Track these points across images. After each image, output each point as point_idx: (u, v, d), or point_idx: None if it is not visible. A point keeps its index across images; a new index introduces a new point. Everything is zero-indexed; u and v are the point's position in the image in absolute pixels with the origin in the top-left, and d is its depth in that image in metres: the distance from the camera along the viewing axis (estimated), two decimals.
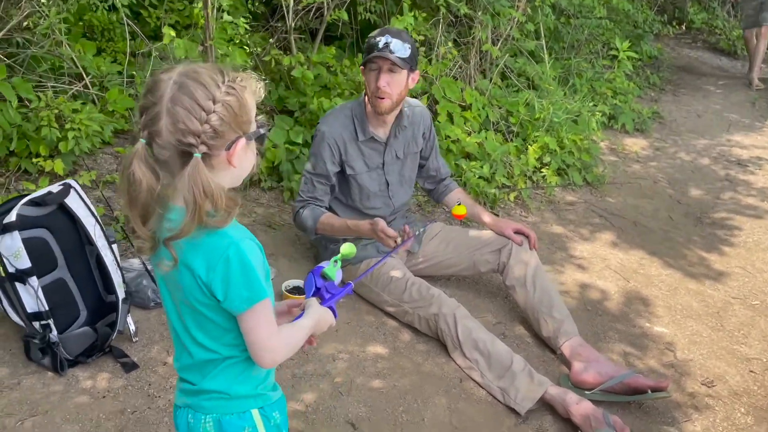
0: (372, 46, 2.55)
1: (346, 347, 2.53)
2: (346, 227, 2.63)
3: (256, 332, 1.24)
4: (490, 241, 2.90)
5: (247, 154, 1.25)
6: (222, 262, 1.17)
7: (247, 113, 1.22)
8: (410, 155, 2.85)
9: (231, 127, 1.19)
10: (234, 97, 1.19)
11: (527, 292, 2.75)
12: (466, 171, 3.74)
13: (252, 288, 1.20)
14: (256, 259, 1.21)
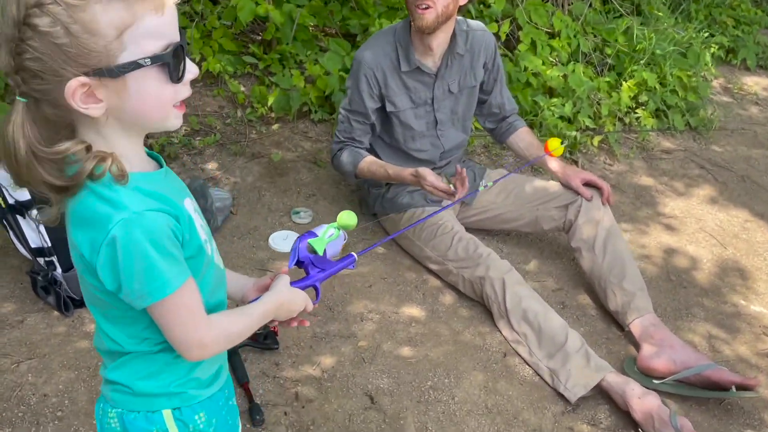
0: None
1: (377, 306, 2.26)
2: (387, 175, 2.30)
3: (172, 328, 0.96)
4: (557, 195, 2.49)
5: (121, 94, 0.89)
6: (107, 244, 0.88)
7: (93, 40, 0.84)
8: (466, 89, 2.44)
9: (60, 63, 0.84)
10: (50, 19, 0.82)
11: (595, 257, 2.34)
12: (544, 109, 3.26)
13: (151, 280, 0.90)
14: (156, 236, 0.90)
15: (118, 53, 0.87)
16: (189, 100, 3.15)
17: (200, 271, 1.01)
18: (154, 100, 0.93)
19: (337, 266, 1.26)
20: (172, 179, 1.03)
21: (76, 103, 0.87)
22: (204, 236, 1.03)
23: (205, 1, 3.60)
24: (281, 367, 1.98)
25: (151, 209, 0.90)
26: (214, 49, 3.35)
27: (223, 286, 1.13)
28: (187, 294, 0.96)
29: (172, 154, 2.83)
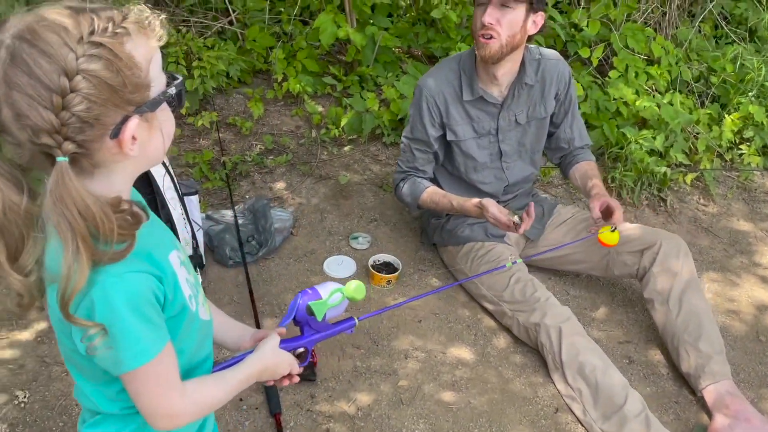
0: None
1: (425, 344, 2.17)
2: (450, 206, 2.20)
3: (141, 397, 0.92)
4: (632, 239, 2.29)
5: (153, 129, 0.88)
6: (85, 308, 0.84)
7: (135, 74, 0.83)
8: (535, 120, 2.30)
9: (110, 106, 0.81)
10: (102, 61, 0.79)
11: (668, 312, 2.13)
12: (631, 141, 3.04)
13: (128, 348, 0.86)
14: (135, 301, 0.86)
15: (150, 86, 0.86)
16: (267, 119, 3.20)
17: (181, 329, 0.98)
18: (169, 133, 0.93)
19: (334, 329, 1.21)
20: (158, 230, 1.00)
21: (128, 147, 0.84)
22: (189, 291, 0.99)
23: (295, 21, 3.67)
24: (316, 400, 1.94)
25: (132, 271, 0.86)
26: (297, 70, 3.39)
27: (209, 338, 1.09)
28: (164, 362, 0.91)
29: (244, 172, 2.88)
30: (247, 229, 2.48)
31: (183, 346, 0.99)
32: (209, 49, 3.21)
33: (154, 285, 0.89)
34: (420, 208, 2.33)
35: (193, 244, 2.21)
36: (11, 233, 0.83)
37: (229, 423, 1.85)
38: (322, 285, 1.22)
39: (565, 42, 3.58)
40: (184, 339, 0.99)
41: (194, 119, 3.05)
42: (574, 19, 3.59)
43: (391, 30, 3.73)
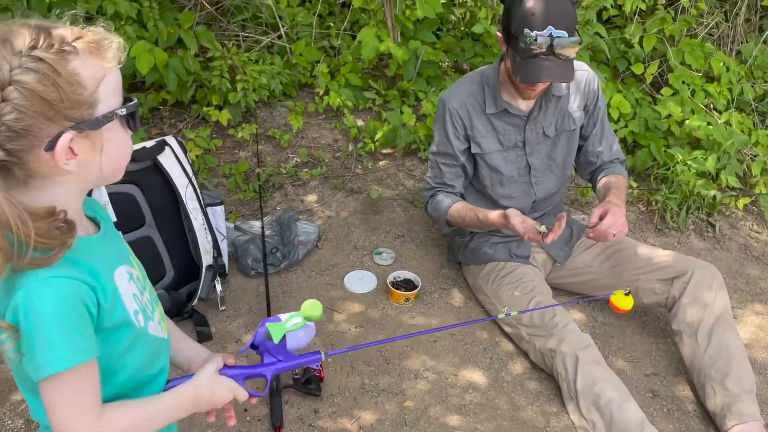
0: (528, 41, 1.88)
1: (437, 364, 2.12)
2: (477, 219, 2.14)
3: (54, 413, 0.91)
4: (662, 266, 2.17)
5: (95, 147, 0.90)
6: (10, 312, 0.86)
7: (77, 91, 0.85)
8: (565, 133, 2.22)
9: (43, 119, 0.83)
10: (38, 75, 0.82)
11: (696, 346, 2.01)
12: (678, 162, 2.89)
13: (45, 352, 0.87)
14: (59, 308, 0.86)
15: (96, 105, 0.89)
16: (306, 132, 3.24)
17: (125, 343, 0.99)
18: (121, 151, 0.95)
19: (297, 361, 1.17)
20: (108, 245, 1.01)
21: (61, 160, 0.87)
22: (134, 306, 0.99)
23: (344, 36, 3.71)
24: (320, 415, 1.93)
25: (60, 276, 0.87)
26: (340, 84, 3.43)
27: (163, 355, 1.09)
28: (83, 377, 0.90)
29: (277, 184, 2.92)
30: (273, 241, 2.51)
31: (126, 361, 1.00)
32: (254, 63, 3.29)
33: (84, 293, 0.89)
34: (449, 224, 2.28)
35: (214, 253, 2.25)
36: None
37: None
38: (286, 314, 1.19)
39: (615, 58, 3.46)
40: (129, 354, 1.00)
41: (235, 131, 3.13)
42: (627, 34, 3.46)
43: (438, 44, 3.72)
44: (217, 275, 2.26)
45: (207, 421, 1.13)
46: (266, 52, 3.59)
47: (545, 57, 1.91)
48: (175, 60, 3.11)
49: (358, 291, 2.40)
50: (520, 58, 1.95)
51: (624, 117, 3.16)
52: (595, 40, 3.17)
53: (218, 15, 3.73)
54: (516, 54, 1.95)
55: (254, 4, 3.72)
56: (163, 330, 1.09)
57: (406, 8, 3.33)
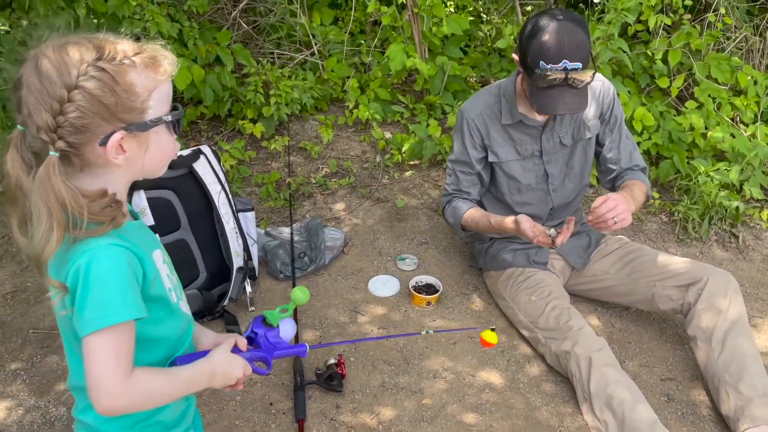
0: (543, 71, 1.97)
1: (455, 365, 2.20)
2: (489, 224, 2.22)
3: (91, 366, 1.01)
4: (678, 272, 2.22)
5: (141, 147, 1.04)
6: (73, 272, 0.99)
7: (131, 98, 1.00)
8: (581, 141, 2.28)
9: (100, 119, 0.98)
10: (99, 82, 0.97)
11: (711, 351, 2.04)
12: (701, 173, 2.92)
13: (101, 306, 0.99)
14: (117, 268, 1.00)
15: (146, 111, 1.04)
16: (336, 144, 3.37)
17: (162, 314, 1.11)
18: (164, 151, 1.10)
19: (289, 350, 1.29)
20: (144, 232, 1.15)
21: (111, 154, 1.02)
22: (169, 285, 1.13)
23: (374, 52, 3.85)
24: (341, 410, 2.02)
25: (116, 245, 1.02)
26: (369, 98, 3.56)
27: (189, 335, 1.21)
28: (122, 334, 1.02)
29: (307, 193, 3.05)
30: (301, 246, 2.63)
31: (167, 333, 1.12)
32: (287, 79, 3.44)
33: (135, 262, 1.03)
34: (464, 229, 2.37)
35: (245, 256, 2.38)
36: (21, 204, 1.02)
37: (257, 424, 1.97)
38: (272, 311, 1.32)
39: (637, 73, 3.50)
40: (167, 327, 1.12)
41: (268, 143, 3.28)
42: (650, 48, 3.51)
43: (465, 60, 3.83)
44: (247, 277, 2.39)
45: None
46: (299, 69, 3.75)
47: (560, 88, 2.00)
48: (212, 76, 3.28)
49: (381, 294, 2.49)
50: (536, 88, 2.04)
51: (648, 129, 3.20)
52: (619, 54, 3.23)
53: (254, 34, 3.91)
54: (532, 84, 2.04)
55: (289, 23, 3.90)
56: (188, 310, 1.21)
57: (434, 25, 3.45)
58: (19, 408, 2.00)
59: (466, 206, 2.33)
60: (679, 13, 3.54)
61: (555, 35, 1.96)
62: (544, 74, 1.98)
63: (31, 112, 0.98)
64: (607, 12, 3.19)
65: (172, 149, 1.10)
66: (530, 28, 2.01)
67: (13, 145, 1.01)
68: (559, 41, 1.95)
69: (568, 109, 2.05)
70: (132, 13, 3.18)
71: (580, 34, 1.98)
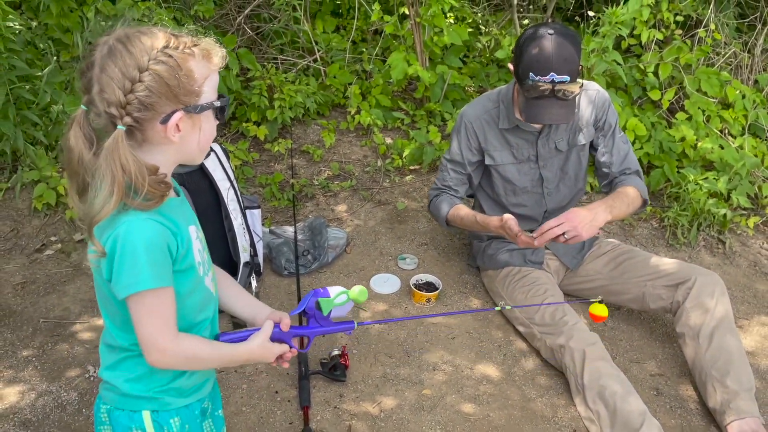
0: (532, 82, 2.08)
1: (454, 359, 2.28)
2: (474, 221, 2.32)
3: (141, 325, 1.13)
4: (668, 272, 2.32)
5: (194, 128, 1.15)
6: (111, 239, 1.09)
7: (190, 83, 1.12)
8: (576, 147, 2.38)
9: (164, 99, 1.10)
10: (167, 66, 1.08)
11: (698, 347, 2.14)
12: (691, 182, 3.03)
13: (133, 273, 1.09)
14: (150, 242, 1.10)
15: (200, 96, 1.15)
16: (338, 148, 3.44)
17: (189, 285, 1.20)
18: (209, 135, 1.21)
19: (335, 327, 1.38)
20: (185, 207, 1.25)
21: (170, 132, 1.13)
22: (199, 259, 1.22)
23: (375, 60, 3.95)
24: (344, 399, 2.10)
25: (153, 219, 1.11)
26: (371, 104, 3.66)
27: (209, 307, 1.29)
28: (164, 300, 1.13)
29: (309, 194, 3.13)
30: (305, 245, 2.71)
31: (187, 302, 1.20)
32: (291, 83, 3.54)
33: (169, 237, 1.12)
34: (449, 223, 2.45)
35: (251, 252, 2.46)
36: (80, 176, 1.13)
37: (263, 410, 2.04)
38: (333, 287, 1.40)
39: (629, 85, 3.62)
40: (190, 297, 1.20)
41: (271, 145, 3.37)
42: (643, 61, 3.64)
43: (464, 70, 3.94)
44: (253, 272, 2.46)
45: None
46: (302, 74, 3.85)
47: (548, 99, 2.11)
48: None
49: (383, 292, 2.57)
50: (525, 98, 2.15)
51: (639, 139, 3.32)
52: (613, 66, 3.35)
53: (258, 39, 4.01)
54: (523, 94, 2.16)
55: (292, 30, 4.00)
56: (213, 288, 1.29)
57: (434, 35, 3.56)
58: (31, 392, 2.06)
59: (453, 203, 2.42)
60: (670, 28, 3.68)
61: (544, 49, 2.06)
62: (533, 85, 2.09)
63: (103, 88, 1.08)
64: (602, 25, 3.31)
65: (213, 134, 1.21)
66: (523, 41, 2.13)
67: (76, 123, 1.12)
68: (548, 54, 2.06)
69: (554, 120, 2.16)
70: (140, 16, 3.27)
71: (569, 48, 2.08)
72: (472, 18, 4.19)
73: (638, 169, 2.43)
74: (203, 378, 1.31)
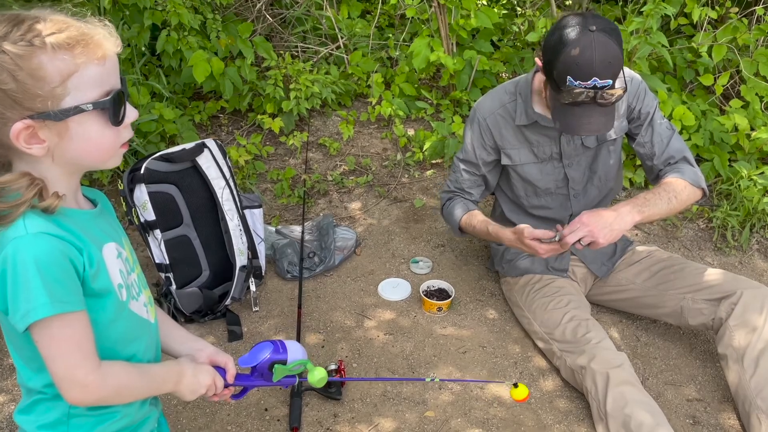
0: (570, 86, 1.79)
1: (463, 376, 2.07)
2: (487, 232, 2.08)
3: (52, 360, 0.96)
4: (710, 285, 2.04)
5: (65, 136, 0.95)
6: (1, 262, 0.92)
7: (37, 84, 0.90)
8: (606, 143, 2.11)
9: (5, 107, 0.90)
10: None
11: (743, 372, 1.86)
12: (744, 177, 2.71)
13: (29, 300, 0.91)
14: (44, 260, 0.91)
15: (62, 98, 0.93)
16: (357, 140, 3.26)
17: (108, 313, 1.02)
18: (95, 142, 0.98)
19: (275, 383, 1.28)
20: (101, 222, 1.06)
21: (20, 143, 0.93)
22: (120, 281, 1.03)
23: (402, 47, 3.73)
24: (338, 419, 1.92)
25: (48, 233, 0.93)
26: (394, 93, 3.44)
27: (146, 338, 1.12)
28: (75, 326, 0.95)
29: (322, 190, 2.96)
30: (312, 246, 2.53)
31: (108, 333, 1.03)
32: (308, 73, 3.35)
33: (69, 251, 0.94)
34: (462, 230, 2.23)
35: (249, 254, 2.30)
36: None
37: (250, 430, 1.88)
38: (294, 346, 1.27)
39: (680, 67, 3.29)
40: (111, 326, 1.03)
41: (286, 139, 3.20)
42: (694, 42, 3.30)
43: (497, 55, 3.67)
44: (252, 276, 2.31)
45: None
46: (324, 63, 3.66)
47: (587, 105, 1.84)
48: (232, 69, 3.22)
49: (391, 298, 2.38)
50: (560, 104, 1.87)
51: (687, 129, 3.00)
52: (658, 48, 3.03)
53: (279, 27, 3.84)
54: (557, 98, 1.88)
55: (314, 16, 3.81)
56: (148, 314, 1.12)
57: (462, 18, 3.31)
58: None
59: (466, 208, 2.19)
60: (725, 5, 3.32)
61: (586, 50, 1.76)
62: (570, 90, 1.82)
63: None
64: (645, 3, 3.00)
65: (110, 140, 0.99)
66: (559, 37, 1.82)
67: None
68: (590, 57, 1.76)
69: (594, 131, 1.88)
70: (154, 4, 3.14)
71: (613, 48, 1.78)
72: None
73: (686, 155, 2.09)
74: (140, 417, 1.15)
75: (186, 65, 3.15)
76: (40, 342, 0.96)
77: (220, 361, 1.22)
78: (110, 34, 0.97)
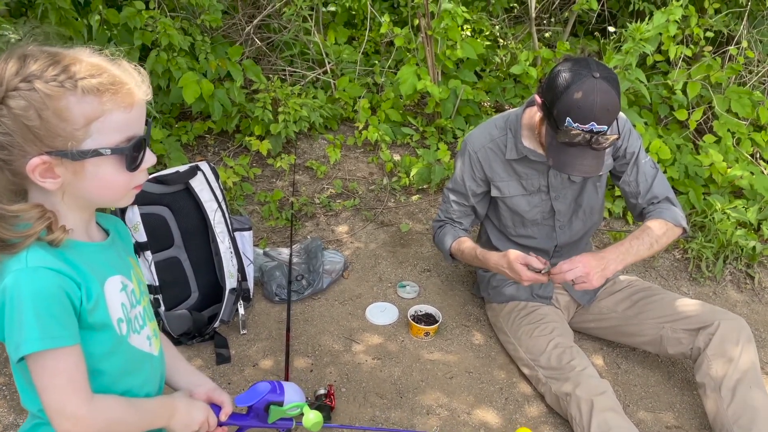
0: (568, 127, 1.86)
1: (450, 402, 2.10)
2: (475, 256, 2.14)
3: (44, 390, 0.97)
4: (688, 315, 2.11)
5: (79, 175, 0.97)
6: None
7: (60, 125, 0.93)
8: (592, 179, 2.19)
9: (22, 140, 0.92)
10: (26, 103, 0.91)
11: (720, 400, 1.93)
12: (717, 210, 2.81)
13: (20, 332, 0.93)
14: (40, 294, 0.93)
15: (83, 140, 0.95)
16: (343, 164, 3.29)
17: (105, 346, 1.04)
18: (108, 184, 1.01)
19: (273, 424, 1.28)
20: (109, 255, 1.08)
21: (35, 176, 0.96)
22: (120, 315, 1.05)
23: (388, 73, 3.80)
24: None
25: (47, 267, 0.95)
26: (380, 119, 3.50)
27: (147, 370, 1.13)
28: (67, 360, 0.96)
29: (310, 213, 2.99)
30: (300, 268, 2.56)
31: (103, 366, 1.04)
32: (297, 96, 3.40)
33: (68, 285, 0.96)
34: (453, 257, 2.29)
35: (239, 277, 2.31)
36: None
37: None
38: (291, 388, 1.28)
39: (655, 103, 3.42)
40: (106, 360, 1.04)
41: (273, 161, 3.23)
42: (670, 79, 3.43)
43: (480, 84, 3.77)
44: (240, 299, 2.32)
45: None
46: (311, 87, 3.71)
47: (582, 147, 1.91)
48: (221, 91, 3.25)
49: (378, 323, 2.41)
50: (556, 142, 1.95)
51: (663, 162, 3.11)
52: (636, 84, 3.15)
53: (267, 50, 3.89)
54: (553, 136, 1.95)
55: (302, 41, 3.87)
56: (151, 346, 1.13)
57: (448, 48, 3.39)
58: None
59: (456, 236, 2.25)
60: (700, 44, 3.47)
61: (589, 95, 1.83)
62: (568, 131, 1.89)
63: None
64: (624, 41, 3.12)
65: (122, 183, 1.01)
66: (563, 79, 1.88)
67: None
68: (592, 102, 1.84)
69: (585, 172, 1.96)
70: (144, 25, 3.16)
71: (613, 96, 1.87)
72: (489, 31, 4.02)
73: (668, 195, 2.18)
74: None
75: (175, 86, 3.17)
76: (33, 373, 0.97)
77: (217, 399, 1.23)
78: (142, 82, 1.00)
